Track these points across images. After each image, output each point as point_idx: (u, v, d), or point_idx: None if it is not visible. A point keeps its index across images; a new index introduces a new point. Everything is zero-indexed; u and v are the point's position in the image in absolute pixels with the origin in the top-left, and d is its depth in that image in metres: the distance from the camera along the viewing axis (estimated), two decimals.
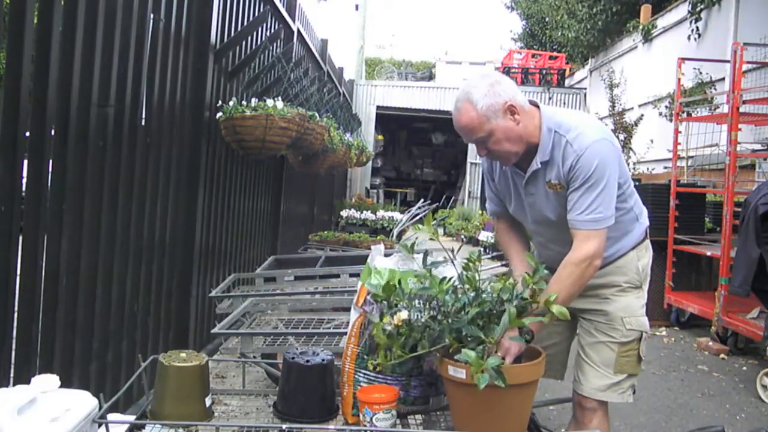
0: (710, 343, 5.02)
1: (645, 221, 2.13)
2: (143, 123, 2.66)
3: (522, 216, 2.10)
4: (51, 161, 2.02)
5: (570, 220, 1.85)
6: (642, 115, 9.36)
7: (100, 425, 1.26)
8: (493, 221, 2.26)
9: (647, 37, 11.18)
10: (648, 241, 2.15)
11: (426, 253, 1.59)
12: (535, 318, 1.46)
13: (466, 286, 1.48)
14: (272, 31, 4.56)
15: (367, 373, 1.58)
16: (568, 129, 1.86)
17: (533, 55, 16.78)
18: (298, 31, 5.48)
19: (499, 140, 1.84)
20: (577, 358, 2.11)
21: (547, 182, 1.91)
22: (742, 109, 4.79)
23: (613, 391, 2.03)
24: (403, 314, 1.44)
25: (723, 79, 6.97)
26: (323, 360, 1.57)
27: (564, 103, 13.58)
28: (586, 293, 2.02)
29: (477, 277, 1.48)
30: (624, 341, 2.02)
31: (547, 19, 16.63)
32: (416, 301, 1.54)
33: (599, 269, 1.99)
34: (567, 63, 15.89)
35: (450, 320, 1.43)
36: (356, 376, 1.59)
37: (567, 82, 15.70)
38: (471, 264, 1.49)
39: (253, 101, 3.40)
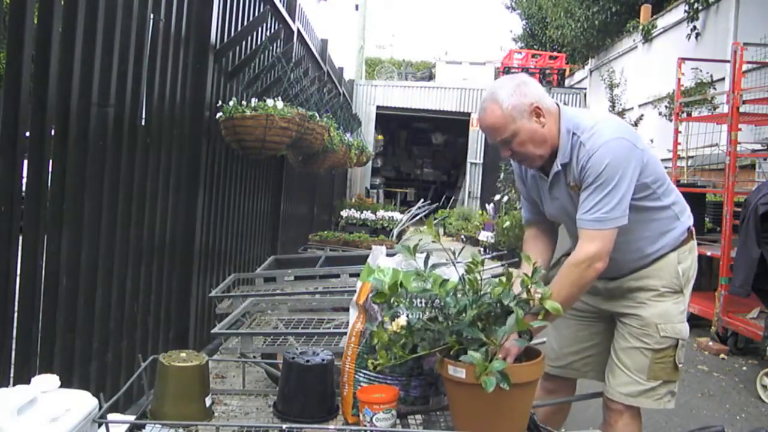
0: (710, 343, 5.02)
1: (687, 220, 2.02)
2: (143, 123, 2.66)
3: (555, 217, 2.07)
4: (51, 161, 2.02)
5: (576, 219, 1.83)
6: (642, 115, 9.37)
7: (100, 425, 1.26)
8: (525, 227, 2.20)
9: (647, 37, 11.18)
10: (693, 243, 2.04)
11: (428, 256, 1.59)
12: (541, 321, 1.45)
13: (467, 287, 1.48)
14: (272, 31, 4.56)
15: (368, 372, 1.57)
16: (584, 129, 1.83)
17: (533, 55, 16.77)
18: (298, 31, 5.48)
19: (524, 142, 1.83)
20: (609, 361, 2.06)
21: (567, 185, 1.89)
22: (742, 109, 4.79)
23: (647, 397, 1.97)
24: (402, 320, 1.45)
25: (723, 79, 6.96)
26: (323, 360, 1.57)
27: (564, 103, 13.56)
28: (623, 296, 2.00)
29: (479, 280, 1.49)
30: (658, 348, 1.95)
31: (547, 19, 16.62)
32: (418, 301, 1.55)
33: (637, 271, 1.96)
34: (567, 63, 15.89)
35: (450, 322, 1.43)
36: (356, 376, 1.59)
37: (567, 82, 15.70)
38: (474, 266, 1.49)
39: (253, 101, 3.40)
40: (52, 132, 2.02)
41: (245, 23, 3.89)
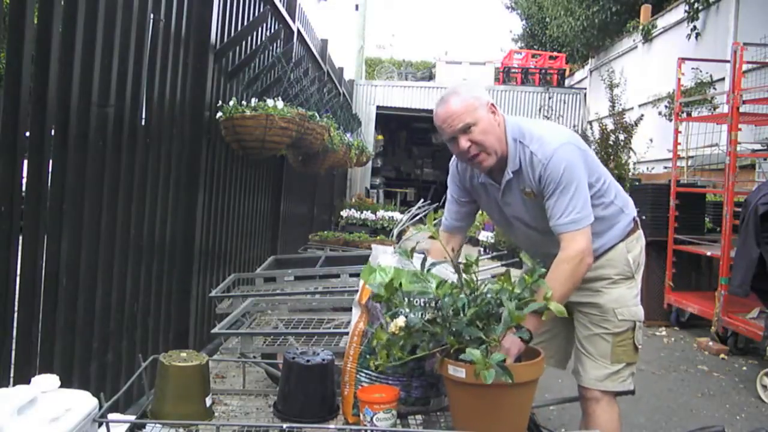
0: (710, 343, 5.02)
1: (631, 212, 2.17)
2: (143, 123, 2.66)
3: (506, 226, 2.17)
4: (51, 161, 2.02)
5: (552, 227, 1.91)
6: (642, 115, 9.35)
7: (100, 425, 1.26)
8: (442, 233, 2.22)
9: (647, 37, 11.17)
10: (639, 232, 2.19)
11: (425, 257, 1.60)
12: (534, 306, 1.45)
13: (465, 288, 1.48)
14: (272, 31, 4.56)
15: (369, 372, 1.58)
16: (531, 139, 1.93)
17: (533, 55, 16.75)
18: (298, 31, 5.48)
19: (486, 131, 1.91)
20: (576, 352, 2.18)
21: (522, 190, 1.98)
22: (742, 109, 4.79)
23: (612, 381, 2.10)
24: (401, 321, 1.45)
25: (723, 79, 6.96)
26: (323, 360, 1.57)
27: (564, 103, 13.55)
28: (580, 286, 2.07)
29: (475, 279, 1.49)
30: (617, 332, 2.09)
31: (547, 19, 16.61)
32: (416, 300, 1.55)
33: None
34: (567, 63, 15.88)
35: (449, 323, 1.43)
36: (358, 376, 1.59)
37: (567, 82, 15.68)
38: (469, 266, 1.49)
39: (253, 101, 3.40)
40: (52, 132, 2.02)
41: (245, 23, 3.89)
